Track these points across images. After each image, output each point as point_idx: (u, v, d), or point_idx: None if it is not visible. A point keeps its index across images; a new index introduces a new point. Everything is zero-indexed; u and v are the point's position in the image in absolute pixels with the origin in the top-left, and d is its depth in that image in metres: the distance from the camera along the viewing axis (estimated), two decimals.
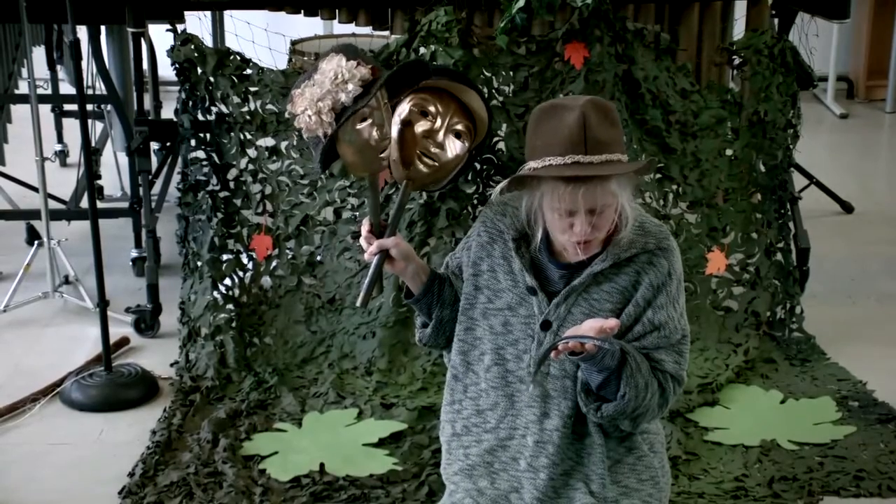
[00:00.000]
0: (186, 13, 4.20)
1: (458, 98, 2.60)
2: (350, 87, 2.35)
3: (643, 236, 2.33)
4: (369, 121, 2.41)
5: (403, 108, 2.57)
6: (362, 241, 2.51)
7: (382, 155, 2.46)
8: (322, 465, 3.21)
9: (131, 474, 3.18)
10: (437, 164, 2.57)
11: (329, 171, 3.92)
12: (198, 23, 4.44)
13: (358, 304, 2.57)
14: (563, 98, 2.33)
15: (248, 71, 3.90)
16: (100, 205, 4.23)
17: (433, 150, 2.55)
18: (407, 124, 2.55)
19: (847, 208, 5.36)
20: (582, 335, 2.18)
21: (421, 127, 2.56)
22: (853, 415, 3.53)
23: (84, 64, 3.99)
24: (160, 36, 4.34)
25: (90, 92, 5.01)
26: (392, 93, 2.51)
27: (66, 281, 4.25)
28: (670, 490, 2.56)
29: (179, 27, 4.01)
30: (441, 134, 2.55)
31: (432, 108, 2.58)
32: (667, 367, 2.34)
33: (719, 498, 3.07)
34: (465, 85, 2.61)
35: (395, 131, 2.54)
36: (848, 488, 3.13)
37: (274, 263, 3.94)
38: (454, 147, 2.56)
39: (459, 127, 2.58)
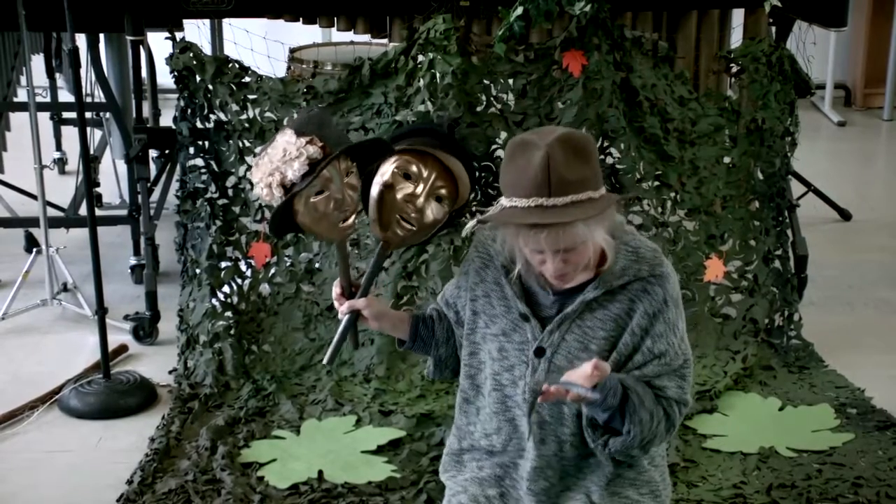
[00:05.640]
0: (185, 21, 4.21)
1: (442, 161, 2.58)
2: (296, 165, 2.34)
3: (636, 262, 2.29)
4: (325, 193, 2.40)
5: (386, 170, 2.55)
6: (335, 303, 2.53)
7: (344, 224, 2.44)
8: (320, 472, 3.21)
9: (130, 482, 3.18)
10: (414, 228, 2.55)
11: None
12: (196, 31, 4.44)
13: (325, 361, 2.57)
14: (535, 132, 2.24)
15: (247, 79, 3.91)
16: (98, 212, 4.24)
17: (412, 214, 2.53)
18: (388, 187, 2.53)
19: (845, 216, 5.37)
20: (572, 382, 2.15)
21: (403, 191, 2.54)
22: (851, 422, 3.53)
23: (83, 72, 4.00)
24: (159, 44, 4.34)
25: (89, 100, 5.02)
26: (361, 161, 2.48)
27: (65, 288, 4.25)
28: (670, 499, 2.57)
29: (178, 35, 4.02)
30: (422, 199, 2.53)
31: (415, 171, 2.56)
32: (670, 393, 2.33)
33: None
34: (451, 152, 2.58)
35: (375, 192, 2.53)
36: (846, 495, 3.13)
37: (272, 271, 3.94)
38: (434, 211, 2.54)
39: (442, 191, 2.55)
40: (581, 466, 2.41)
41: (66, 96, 5.45)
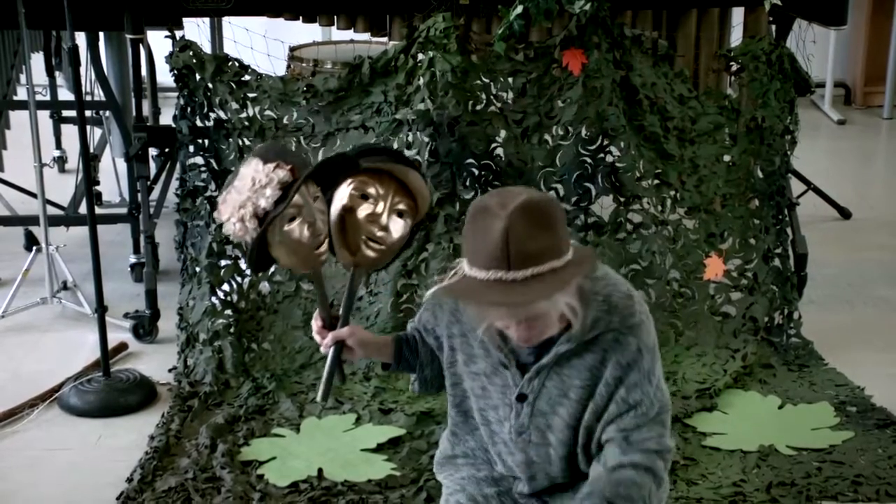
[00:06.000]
0: (185, 20, 4.20)
1: (397, 177, 2.50)
2: (268, 191, 2.30)
3: (608, 314, 2.21)
4: (298, 219, 2.35)
5: (343, 194, 2.47)
6: (316, 337, 2.48)
7: (319, 250, 2.40)
8: (320, 470, 3.21)
9: (129, 479, 3.18)
10: (384, 247, 2.47)
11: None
12: (196, 29, 4.43)
13: (318, 399, 2.52)
14: (497, 196, 2.10)
15: (247, 77, 3.91)
16: (98, 211, 4.24)
17: (379, 233, 2.45)
18: (349, 210, 2.45)
19: (845, 214, 5.37)
20: None
21: (364, 211, 2.46)
22: (851, 420, 3.53)
23: (83, 70, 4.00)
24: (159, 42, 4.34)
25: (89, 98, 5.02)
26: (325, 184, 2.44)
27: (65, 287, 4.25)
28: (668, 496, 2.57)
29: (178, 34, 4.02)
30: (385, 216, 2.45)
31: (372, 191, 2.47)
32: (650, 445, 2.25)
33: (717, 503, 3.07)
34: (403, 164, 2.50)
35: (335, 217, 2.45)
36: (846, 493, 3.13)
37: (272, 269, 3.94)
38: (398, 227, 2.46)
39: (402, 206, 2.46)
40: (577, 482, 2.38)
41: (65, 94, 5.44)
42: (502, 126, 3.88)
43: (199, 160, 3.97)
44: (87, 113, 4.38)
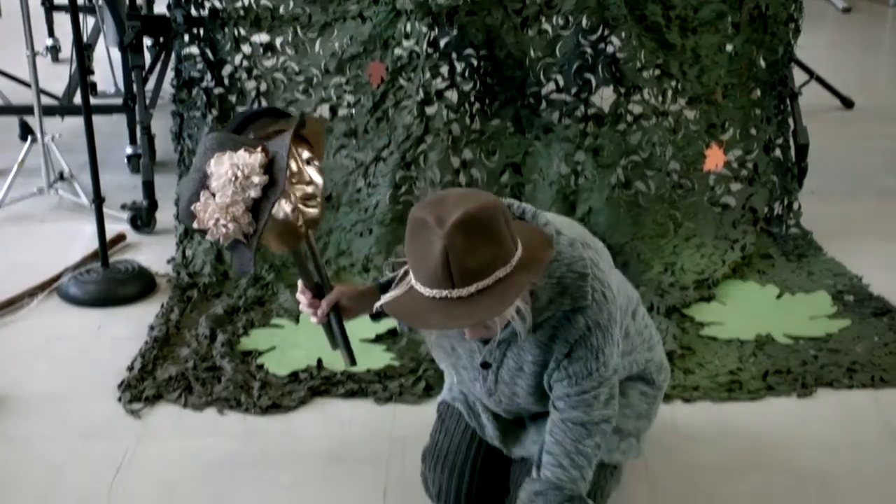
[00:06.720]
0: None
1: (286, 130, 2.36)
2: (256, 179, 2.19)
3: (560, 295, 2.17)
4: (283, 197, 2.26)
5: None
6: (307, 310, 2.42)
7: (301, 222, 2.31)
8: (320, 360, 3.23)
9: (130, 368, 3.20)
10: (318, 197, 2.36)
11: (325, 68, 3.87)
12: None
13: (349, 366, 2.50)
14: (433, 207, 2.00)
15: None
16: (93, 101, 4.20)
17: (309, 189, 2.33)
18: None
19: (847, 103, 5.33)
20: None
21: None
22: (848, 309, 3.55)
23: None
24: None
25: None
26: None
27: (61, 177, 4.24)
28: (666, 386, 2.59)
29: None
30: (305, 172, 2.33)
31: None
32: (594, 416, 2.26)
33: (714, 391, 3.10)
34: (282, 117, 2.37)
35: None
36: (841, 381, 3.15)
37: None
38: (316, 174, 2.35)
39: (307, 153, 2.36)
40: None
41: None
42: (501, 16, 3.82)
43: (194, 50, 3.91)
44: (80, 0, 4.31)
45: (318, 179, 2.33)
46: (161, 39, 4.46)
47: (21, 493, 2.68)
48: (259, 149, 2.21)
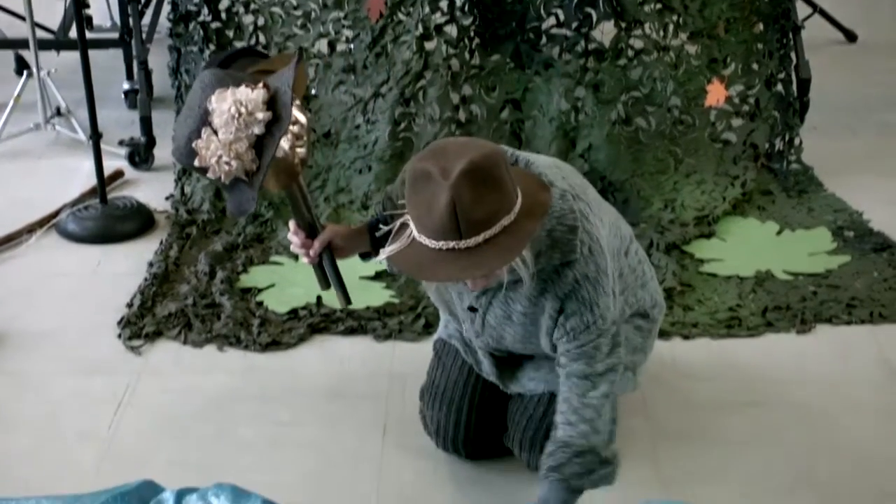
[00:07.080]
0: None
1: (267, 69, 2.31)
2: (260, 115, 2.15)
3: (550, 248, 2.16)
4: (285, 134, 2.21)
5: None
6: (300, 251, 2.39)
7: (297, 160, 2.27)
8: (319, 297, 3.23)
9: (130, 305, 3.20)
10: (305, 137, 2.32)
11: (324, 2, 3.83)
12: None
13: (344, 306, 2.47)
14: (436, 158, 1.98)
15: None
16: (89, 35, 4.15)
17: (295, 129, 2.28)
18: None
19: (850, 37, 5.28)
20: None
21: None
22: (848, 244, 3.54)
23: None
24: None
25: None
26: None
27: (58, 113, 4.21)
28: (664, 319, 2.59)
29: None
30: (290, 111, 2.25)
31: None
32: (598, 367, 2.24)
33: (713, 327, 3.11)
34: (261, 56, 2.33)
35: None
36: (840, 316, 3.16)
37: None
38: (301, 115, 2.29)
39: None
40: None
41: None
42: None
43: None
44: None
45: (303, 118, 2.29)
46: None
47: (21, 428, 2.69)
48: (261, 84, 2.18)
